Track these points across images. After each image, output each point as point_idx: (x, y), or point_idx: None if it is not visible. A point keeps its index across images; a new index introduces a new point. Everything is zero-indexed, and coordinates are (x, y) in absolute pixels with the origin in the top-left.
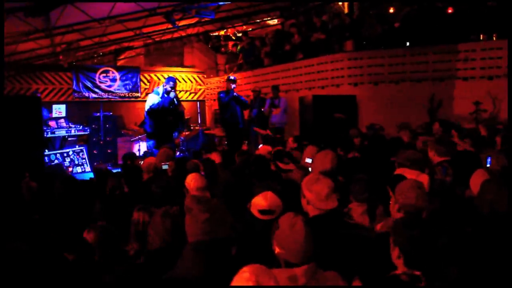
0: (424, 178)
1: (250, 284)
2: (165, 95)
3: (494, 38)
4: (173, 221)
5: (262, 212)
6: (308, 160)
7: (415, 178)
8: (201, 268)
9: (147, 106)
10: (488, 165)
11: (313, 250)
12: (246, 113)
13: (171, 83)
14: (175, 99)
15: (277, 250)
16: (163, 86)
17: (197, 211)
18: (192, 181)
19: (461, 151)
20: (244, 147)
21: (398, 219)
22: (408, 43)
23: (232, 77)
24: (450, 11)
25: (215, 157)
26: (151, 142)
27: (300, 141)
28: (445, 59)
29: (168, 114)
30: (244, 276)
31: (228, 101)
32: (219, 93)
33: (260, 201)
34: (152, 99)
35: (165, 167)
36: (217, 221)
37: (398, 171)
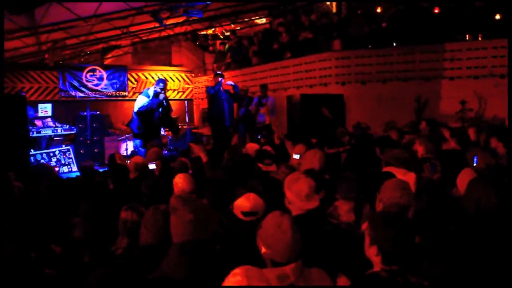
0: (411, 177)
1: (241, 284)
2: (155, 97)
3: (480, 38)
4: (164, 218)
5: (245, 214)
6: (296, 156)
7: (402, 177)
8: (186, 269)
9: (136, 107)
10: (474, 164)
11: (300, 248)
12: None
13: (161, 84)
14: (164, 101)
15: (263, 250)
16: (153, 87)
17: (182, 212)
18: (179, 182)
19: (448, 149)
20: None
21: (376, 216)
22: (395, 43)
23: (219, 72)
24: (436, 11)
25: (198, 150)
26: (138, 141)
27: (283, 139)
28: (432, 59)
29: (155, 116)
30: (235, 279)
31: (214, 93)
32: (207, 87)
33: (243, 203)
34: (141, 101)
35: (152, 166)
36: (202, 221)
37: (385, 169)
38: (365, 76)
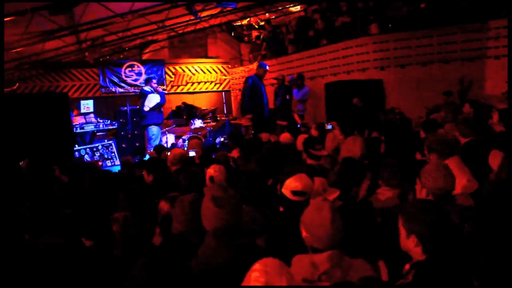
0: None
1: (259, 284)
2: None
3: None
4: (192, 207)
5: (295, 193)
6: (329, 127)
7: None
8: (224, 255)
9: (152, 104)
10: None
11: (340, 237)
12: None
13: (153, 81)
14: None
15: (303, 233)
16: (148, 87)
17: (218, 200)
18: (213, 173)
19: (497, 132)
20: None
21: (409, 205)
22: (435, 23)
23: (264, 63)
24: None
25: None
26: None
27: (322, 129)
28: (475, 38)
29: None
30: (253, 275)
31: (258, 84)
32: (248, 77)
33: (294, 182)
34: (155, 99)
35: (192, 153)
36: (237, 209)
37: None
38: (404, 59)
